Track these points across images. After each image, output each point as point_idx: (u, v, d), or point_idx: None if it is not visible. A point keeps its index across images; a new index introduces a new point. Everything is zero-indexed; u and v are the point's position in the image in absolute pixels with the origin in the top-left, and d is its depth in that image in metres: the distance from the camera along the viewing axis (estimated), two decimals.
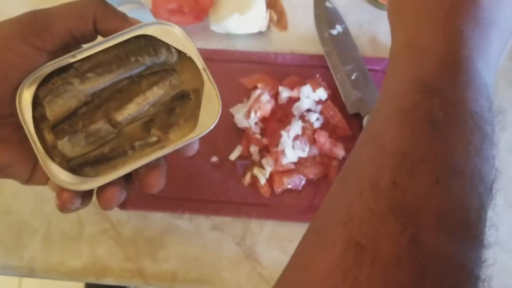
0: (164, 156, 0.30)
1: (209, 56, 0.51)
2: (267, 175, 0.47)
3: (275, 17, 0.53)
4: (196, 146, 0.30)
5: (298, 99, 0.48)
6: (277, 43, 0.53)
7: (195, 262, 0.48)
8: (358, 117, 0.48)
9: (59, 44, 0.28)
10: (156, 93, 0.30)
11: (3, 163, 0.29)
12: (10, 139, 0.29)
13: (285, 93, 0.49)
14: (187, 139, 0.29)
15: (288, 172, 0.47)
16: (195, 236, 0.48)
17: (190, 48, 0.30)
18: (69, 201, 0.29)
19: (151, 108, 0.30)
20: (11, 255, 0.49)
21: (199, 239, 0.48)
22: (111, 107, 0.30)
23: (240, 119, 0.48)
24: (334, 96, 0.49)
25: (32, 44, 0.27)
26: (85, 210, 0.49)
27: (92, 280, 0.48)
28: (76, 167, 0.29)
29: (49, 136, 0.29)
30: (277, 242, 0.48)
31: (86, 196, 0.30)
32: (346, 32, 0.51)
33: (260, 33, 0.53)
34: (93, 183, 0.28)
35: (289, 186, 0.47)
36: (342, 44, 0.51)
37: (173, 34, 0.30)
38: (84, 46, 0.29)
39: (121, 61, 0.29)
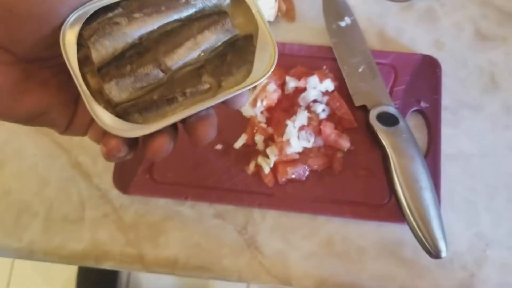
0: (213, 106, 0.28)
1: None
2: (271, 165, 0.47)
3: (283, 7, 0.52)
4: (246, 99, 0.28)
5: (304, 89, 0.48)
6: (284, 34, 0.53)
7: (196, 250, 0.48)
8: (364, 109, 0.48)
9: None
10: (207, 38, 0.28)
11: (41, 109, 0.27)
12: (48, 83, 0.27)
13: (292, 83, 0.48)
14: (241, 87, 0.27)
15: (292, 162, 0.47)
16: (197, 224, 0.48)
17: None
18: (117, 148, 0.26)
19: (202, 54, 0.28)
20: (10, 236, 0.48)
21: (201, 227, 0.48)
22: (160, 51, 0.27)
23: (245, 108, 0.48)
24: (341, 88, 0.49)
25: None
26: (87, 193, 0.49)
27: (92, 264, 0.48)
28: (123, 113, 0.27)
29: (93, 80, 0.27)
30: (279, 232, 0.47)
31: (132, 145, 0.27)
32: (354, 24, 0.51)
33: (268, 23, 0.53)
34: (143, 130, 0.26)
35: (293, 176, 0.47)
36: (350, 36, 0.51)
37: None
38: None
39: (170, 1, 0.27)
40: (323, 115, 0.48)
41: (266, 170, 0.47)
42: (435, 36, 0.52)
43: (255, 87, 0.28)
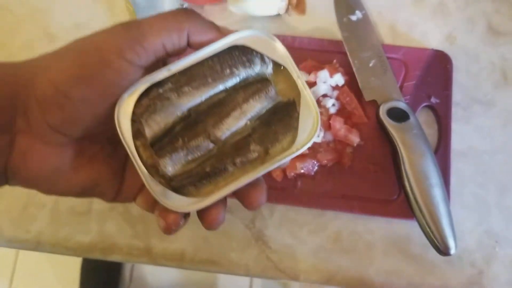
0: None
1: None
2: None
3: (294, 0, 0.52)
4: (289, 159, 0.29)
5: (314, 83, 0.48)
6: (294, 27, 0.52)
7: (203, 243, 0.47)
8: (374, 104, 0.48)
9: (153, 58, 0.27)
10: (252, 106, 0.29)
11: (92, 183, 0.28)
12: (97, 157, 0.28)
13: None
14: (288, 154, 0.28)
15: (302, 156, 0.46)
16: None
17: (284, 57, 0.29)
18: (176, 223, 0.27)
19: (248, 122, 0.29)
20: (17, 228, 0.48)
21: None
22: (209, 122, 0.28)
23: None
24: (351, 83, 0.49)
25: (128, 59, 0.25)
26: None
27: (99, 257, 0.48)
28: (178, 186, 0.28)
29: (145, 153, 0.28)
30: (287, 226, 0.47)
31: (187, 214, 0.29)
32: (365, 18, 0.51)
33: (278, 16, 0.52)
34: (200, 204, 0.27)
35: (302, 171, 0.46)
36: (361, 30, 0.50)
37: (266, 43, 0.28)
38: (176, 59, 0.28)
39: (216, 73, 0.28)
40: (333, 110, 0.47)
41: None
42: (447, 30, 0.52)
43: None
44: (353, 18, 0.50)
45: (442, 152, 0.47)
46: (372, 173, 0.47)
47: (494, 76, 0.50)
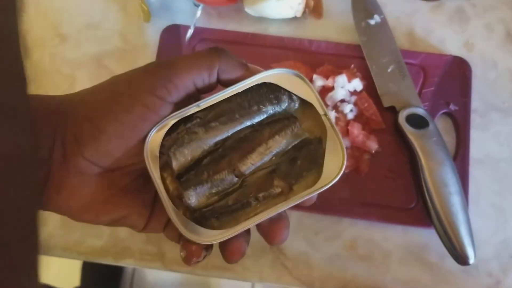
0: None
1: (240, 40, 0.50)
2: None
3: (311, 3, 0.51)
4: (315, 198, 0.29)
5: (332, 88, 0.47)
6: (311, 30, 0.52)
7: (217, 249, 0.47)
8: (392, 110, 0.47)
9: (183, 94, 0.28)
10: (278, 142, 0.29)
11: (124, 213, 0.29)
12: (128, 188, 0.29)
13: (319, 82, 0.47)
14: (311, 191, 0.28)
15: None
16: None
17: (311, 94, 0.29)
18: (197, 254, 0.28)
19: (274, 158, 0.29)
20: None
21: None
22: (234, 156, 0.29)
23: None
24: (369, 88, 0.48)
25: (158, 95, 0.27)
26: None
27: (111, 262, 0.47)
28: (201, 217, 0.29)
29: (172, 185, 0.29)
30: (302, 233, 0.47)
31: (209, 247, 0.29)
32: (384, 23, 0.50)
33: (294, 19, 0.52)
34: (221, 236, 0.28)
35: None
36: (380, 35, 0.49)
37: (294, 80, 0.29)
38: (206, 94, 0.29)
39: (244, 109, 0.29)
40: (350, 116, 0.47)
41: None
42: (465, 37, 0.51)
43: None
44: (372, 22, 0.50)
45: (460, 160, 0.47)
46: (390, 180, 0.46)
47: (511, 84, 0.50)
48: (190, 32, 0.50)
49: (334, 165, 0.28)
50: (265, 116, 0.29)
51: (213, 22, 0.52)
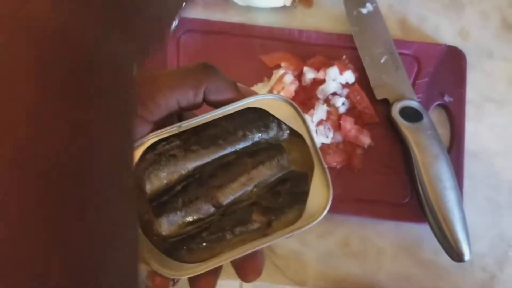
0: None
1: (227, 30, 0.48)
2: None
3: None
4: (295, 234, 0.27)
5: (323, 81, 0.45)
6: (301, 20, 0.50)
7: None
8: (385, 103, 0.45)
9: (165, 113, 0.26)
10: (262, 173, 0.27)
11: None
12: None
13: (310, 74, 0.45)
14: (291, 230, 0.26)
15: None
16: None
17: (302, 126, 0.27)
18: (162, 286, 0.27)
19: (255, 189, 0.27)
20: None
21: None
22: (214, 184, 0.26)
23: None
24: (361, 80, 0.46)
25: (138, 114, 0.25)
26: None
27: None
28: (171, 248, 0.26)
29: (143, 209, 0.26)
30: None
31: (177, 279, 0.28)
32: (376, 12, 0.48)
33: (283, 8, 0.49)
34: (191, 271, 0.25)
35: None
36: (372, 24, 0.47)
37: (285, 109, 0.27)
38: (189, 115, 0.27)
39: (229, 134, 0.27)
40: (342, 109, 0.45)
41: None
42: (459, 25, 0.50)
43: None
44: (364, 11, 0.48)
45: (455, 152, 0.45)
46: (383, 176, 0.45)
47: (508, 74, 0.48)
48: (174, 23, 0.48)
49: (318, 204, 0.26)
50: (250, 143, 0.27)
51: (199, 12, 0.50)
